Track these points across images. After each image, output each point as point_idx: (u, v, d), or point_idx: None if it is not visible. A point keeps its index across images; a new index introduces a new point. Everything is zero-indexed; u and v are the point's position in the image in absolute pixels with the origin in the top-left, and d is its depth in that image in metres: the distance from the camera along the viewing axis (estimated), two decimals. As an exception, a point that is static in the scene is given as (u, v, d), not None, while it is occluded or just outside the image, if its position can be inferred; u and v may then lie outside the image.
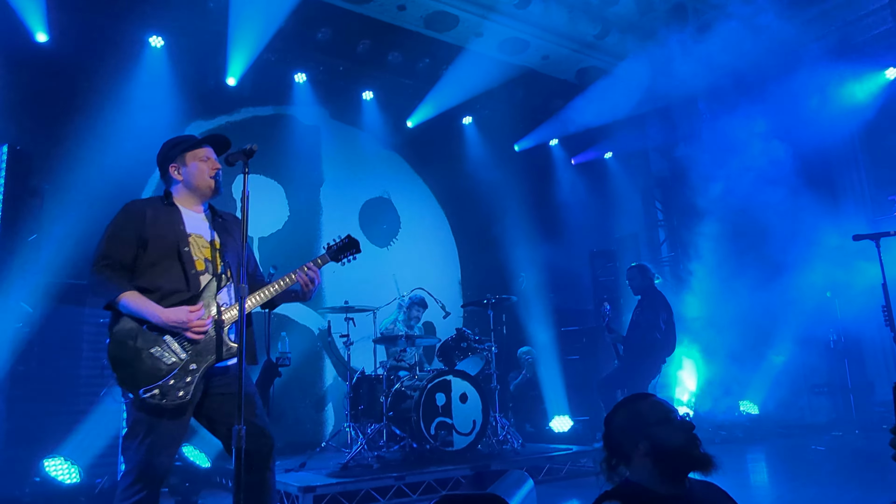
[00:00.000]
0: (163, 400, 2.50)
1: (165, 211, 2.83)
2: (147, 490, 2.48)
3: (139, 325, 2.57)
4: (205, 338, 2.64)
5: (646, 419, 1.89)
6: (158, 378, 2.52)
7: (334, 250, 3.15)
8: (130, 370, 2.52)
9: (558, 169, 10.19)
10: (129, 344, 2.54)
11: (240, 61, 7.32)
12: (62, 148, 6.25)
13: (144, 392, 2.48)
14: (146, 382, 2.50)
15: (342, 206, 8.45)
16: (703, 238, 9.06)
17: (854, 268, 7.91)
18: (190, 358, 2.60)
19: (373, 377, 6.05)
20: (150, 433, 2.50)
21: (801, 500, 4.41)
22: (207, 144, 2.96)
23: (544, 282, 9.03)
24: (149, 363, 2.53)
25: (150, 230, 2.73)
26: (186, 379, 2.57)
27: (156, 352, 2.56)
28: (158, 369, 2.54)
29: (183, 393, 2.54)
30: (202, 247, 2.84)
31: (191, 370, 2.59)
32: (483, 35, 8.14)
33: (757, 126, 8.71)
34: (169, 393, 2.52)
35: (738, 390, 8.55)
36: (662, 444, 1.82)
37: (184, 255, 2.72)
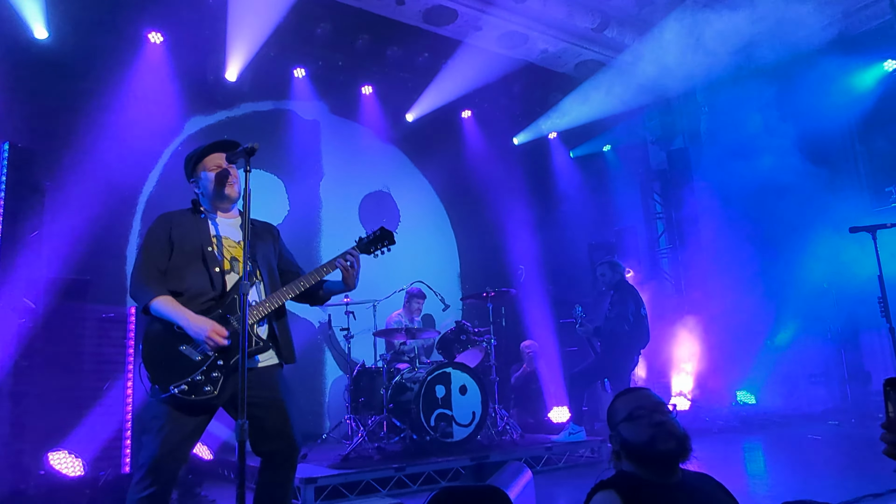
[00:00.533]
0: (191, 395, 2.58)
1: (193, 218, 2.92)
2: (159, 485, 2.53)
3: (169, 326, 2.66)
4: (232, 335, 2.67)
5: (616, 416, 1.97)
6: (188, 374, 2.60)
7: (365, 243, 3.13)
8: (162, 368, 2.61)
9: (557, 162, 10.21)
10: (159, 343, 2.65)
11: (239, 57, 7.33)
12: (63, 144, 6.28)
13: (174, 388, 2.56)
14: (176, 379, 2.58)
15: (342, 201, 8.48)
16: (701, 230, 9.10)
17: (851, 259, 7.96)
18: (217, 354, 2.67)
19: (373, 369, 6.11)
20: (167, 428, 2.56)
21: (797, 489, 4.46)
22: (213, 151, 2.99)
23: (543, 274, 9.07)
24: (178, 360, 2.62)
25: (176, 234, 2.82)
26: (214, 374, 2.65)
27: (185, 349, 2.65)
28: (187, 366, 2.62)
29: (211, 388, 2.62)
30: (230, 247, 2.90)
31: (218, 366, 2.66)
32: (482, 29, 8.16)
33: (755, 118, 8.73)
34: (197, 389, 2.60)
35: (736, 380, 8.62)
36: (627, 441, 1.89)
37: (207, 255, 2.80)
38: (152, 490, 2.52)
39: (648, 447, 1.85)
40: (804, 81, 8.37)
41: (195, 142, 7.44)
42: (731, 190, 8.91)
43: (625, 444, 1.90)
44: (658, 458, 1.85)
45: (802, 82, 8.38)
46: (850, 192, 9.04)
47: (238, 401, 2.69)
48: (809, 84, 8.39)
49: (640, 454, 1.87)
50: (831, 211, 8.78)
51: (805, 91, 8.43)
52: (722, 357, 8.47)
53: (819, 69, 8.25)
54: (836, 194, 9.04)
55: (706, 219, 9.17)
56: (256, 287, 2.90)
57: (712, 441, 7.01)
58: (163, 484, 2.55)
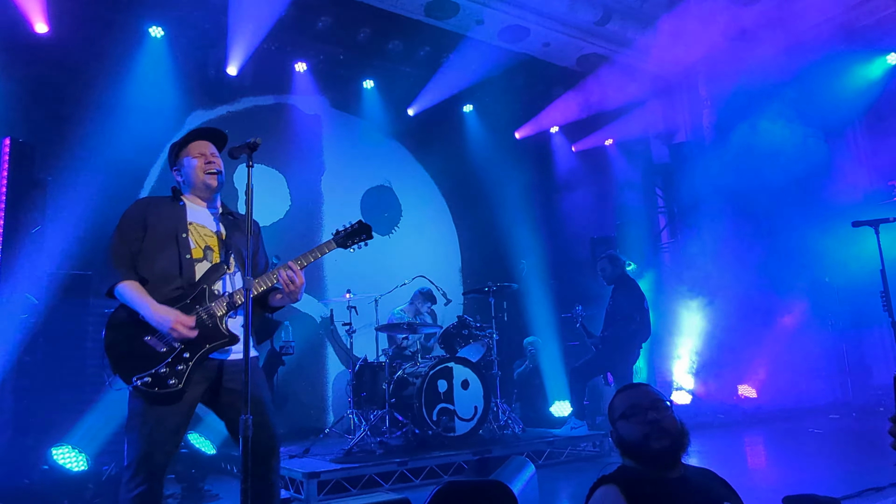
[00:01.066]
0: (154, 388, 2.50)
1: (170, 205, 2.86)
2: (148, 483, 2.48)
3: (133, 313, 2.58)
4: (199, 326, 2.62)
5: (613, 413, 1.98)
6: (151, 366, 2.52)
7: (342, 237, 3.04)
8: (123, 357, 2.53)
9: (559, 156, 10.19)
10: (122, 332, 2.57)
11: (240, 51, 7.31)
12: (64, 139, 6.27)
13: (136, 379, 2.49)
14: (138, 370, 2.50)
15: (343, 195, 8.48)
16: (703, 225, 9.08)
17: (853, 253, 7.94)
18: (183, 346, 2.59)
19: (375, 364, 6.12)
20: (148, 425, 2.50)
21: (798, 483, 4.47)
22: (197, 139, 2.94)
23: (545, 268, 9.07)
24: (141, 351, 2.54)
25: (152, 218, 2.77)
26: (178, 367, 2.56)
27: (149, 339, 2.56)
28: (151, 357, 2.54)
29: (175, 381, 2.53)
30: (204, 235, 2.84)
31: (183, 358, 2.58)
32: (483, 22, 8.12)
33: (758, 111, 8.71)
34: (161, 381, 2.51)
35: (737, 374, 8.62)
36: (623, 439, 1.92)
37: (180, 241, 2.74)
38: (143, 488, 2.47)
39: (643, 445, 1.87)
40: (808, 74, 8.34)
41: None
42: (733, 184, 8.89)
43: (621, 442, 1.93)
44: (653, 455, 1.86)
45: (806, 75, 8.35)
46: (853, 185, 9.01)
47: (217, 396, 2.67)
48: (813, 77, 8.37)
49: (636, 451, 1.89)
50: (834, 204, 8.76)
51: (808, 84, 8.40)
52: (723, 351, 8.47)
53: (823, 62, 8.22)
54: (839, 188, 9.03)
55: (708, 213, 9.15)
56: (231, 277, 2.82)
57: (714, 435, 7.02)
58: (153, 481, 2.49)
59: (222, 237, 2.90)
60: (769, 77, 8.50)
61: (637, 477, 1.86)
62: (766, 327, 8.62)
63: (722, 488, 1.99)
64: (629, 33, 8.73)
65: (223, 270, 2.83)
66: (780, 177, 8.90)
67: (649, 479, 1.85)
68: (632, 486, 1.81)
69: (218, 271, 2.81)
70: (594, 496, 1.85)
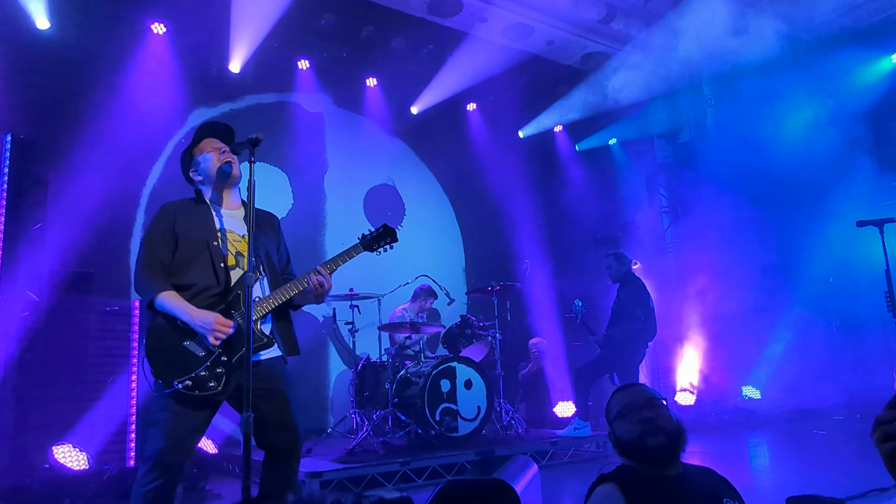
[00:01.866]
0: (195, 391, 2.57)
1: (196, 209, 2.88)
2: (164, 479, 2.53)
3: (173, 321, 2.64)
4: (236, 329, 2.67)
5: (610, 413, 2.01)
6: (191, 370, 2.59)
7: (368, 240, 3.10)
8: (165, 363, 2.60)
9: (562, 155, 10.16)
10: (163, 338, 2.63)
11: (242, 48, 7.29)
12: (66, 136, 6.25)
13: (178, 383, 2.55)
14: (180, 374, 2.57)
15: (346, 194, 8.46)
16: (707, 224, 9.05)
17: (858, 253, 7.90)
18: (222, 350, 2.65)
19: (378, 364, 6.09)
20: (173, 422, 2.56)
21: (802, 484, 4.44)
22: (205, 136, 2.98)
23: (548, 268, 9.04)
24: (182, 355, 2.61)
25: (181, 227, 2.78)
26: (218, 370, 2.63)
27: (188, 344, 2.63)
28: (191, 361, 2.61)
29: (214, 384, 2.61)
30: (234, 241, 2.87)
31: (222, 362, 2.65)
32: (487, 20, 8.09)
33: (762, 111, 8.67)
34: (201, 384, 2.59)
35: (741, 375, 8.58)
36: (619, 437, 1.94)
37: (213, 250, 2.77)
38: (158, 483, 2.51)
39: (639, 443, 1.88)
40: (811, 74, 8.30)
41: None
42: (737, 184, 8.85)
43: (618, 441, 1.95)
44: (649, 453, 1.87)
45: (810, 75, 8.31)
46: (857, 185, 8.97)
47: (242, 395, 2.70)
48: (817, 77, 8.33)
49: (632, 450, 1.90)
50: (838, 204, 8.72)
51: (812, 84, 8.36)
52: (727, 352, 8.44)
53: (827, 61, 8.18)
54: (844, 187, 8.98)
55: (712, 213, 9.11)
56: (260, 282, 2.86)
57: (718, 436, 6.99)
58: (169, 477, 2.54)
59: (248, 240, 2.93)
60: (773, 76, 8.46)
61: (636, 476, 1.86)
62: (770, 328, 8.57)
63: (722, 486, 1.99)
64: (633, 31, 8.69)
65: (256, 276, 2.84)
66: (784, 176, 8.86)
67: (648, 477, 1.85)
68: (631, 484, 1.82)
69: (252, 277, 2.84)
70: (593, 495, 1.86)
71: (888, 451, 1.12)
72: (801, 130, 8.39)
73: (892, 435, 1.13)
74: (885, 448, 1.12)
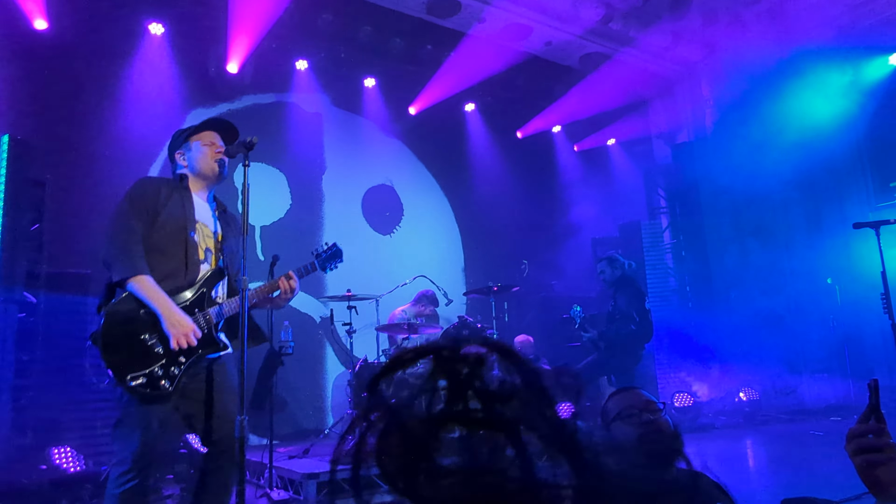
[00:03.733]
0: (147, 388, 2.49)
1: (179, 193, 2.82)
2: (140, 478, 2.49)
3: (136, 309, 2.54)
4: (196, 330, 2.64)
5: (607, 415, 1.99)
6: (146, 366, 2.51)
7: (324, 258, 3.30)
8: (120, 355, 2.50)
9: (561, 156, 10.16)
10: (121, 328, 2.53)
11: (240, 48, 7.28)
12: (63, 137, 6.24)
13: (131, 380, 2.47)
14: (134, 370, 2.48)
15: (344, 194, 8.45)
16: (706, 225, 9.05)
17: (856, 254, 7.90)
18: (179, 350, 2.57)
19: (375, 365, 6.09)
20: (142, 423, 2.50)
21: (799, 486, 4.44)
22: (210, 129, 2.97)
23: (546, 269, 9.04)
24: (139, 349, 2.52)
25: (164, 209, 2.71)
26: (172, 370, 2.56)
27: (147, 339, 2.54)
28: (148, 357, 2.52)
29: (166, 383, 2.53)
30: (206, 236, 2.85)
31: (178, 362, 2.58)
32: (485, 21, 8.09)
33: (760, 111, 8.66)
34: (154, 382, 2.50)
35: (739, 376, 8.58)
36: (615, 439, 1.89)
37: (189, 241, 2.72)
38: (132, 483, 2.48)
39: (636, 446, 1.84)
40: (809, 75, 8.29)
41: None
42: (735, 184, 8.85)
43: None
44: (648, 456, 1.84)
45: (807, 75, 8.31)
46: (854, 186, 8.97)
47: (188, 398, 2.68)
48: (814, 77, 8.32)
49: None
50: (836, 206, 8.72)
51: (810, 84, 8.36)
52: (725, 352, 8.43)
53: (824, 62, 8.18)
54: (841, 189, 8.98)
55: (710, 213, 9.11)
56: (222, 283, 2.85)
57: (715, 437, 6.99)
58: (142, 476, 2.51)
59: (219, 239, 2.91)
60: (771, 77, 8.46)
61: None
62: (768, 328, 8.57)
63: (715, 491, 1.98)
64: (632, 32, 8.69)
65: (222, 276, 2.84)
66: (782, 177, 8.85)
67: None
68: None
69: (219, 276, 2.83)
70: None
71: (861, 463, 1.14)
72: (799, 131, 8.38)
73: (864, 448, 1.14)
74: (858, 461, 1.14)
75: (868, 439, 1.16)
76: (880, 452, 1.14)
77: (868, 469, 1.14)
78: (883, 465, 1.13)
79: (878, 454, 1.14)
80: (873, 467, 1.14)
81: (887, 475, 1.12)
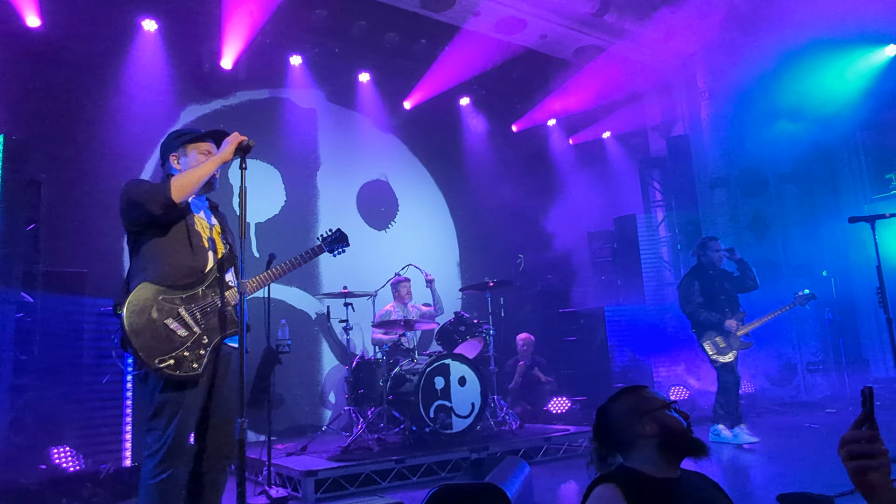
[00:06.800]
0: (177, 371, 2.58)
1: None
2: (175, 467, 2.56)
3: (155, 296, 2.64)
4: (217, 312, 2.75)
5: (651, 404, 1.95)
6: (173, 349, 2.60)
7: (330, 240, 3.38)
8: (146, 339, 2.57)
9: (556, 149, 10.17)
10: (145, 314, 2.61)
11: (234, 44, 7.25)
12: (58, 136, 6.23)
13: (160, 362, 2.56)
14: (161, 353, 2.57)
15: (339, 190, 8.44)
16: (701, 218, 9.07)
17: (851, 247, 7.95)
18: (202, 332, 2.69)
19: (372, 361, 6.11)
20: (178, 412, 2.58)
21: (793, 479, 4.48)
22: (210, 139, 3.00)
23: (542, 263, 9.06)
24: (164, 333, 2.61)
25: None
26: (199, 352, 2.66)
27: (170, 323, 2.64)
28: (173, 340, 2.62)
29: (196, 365, 2.63)
30: (204, 227, 2.92)
31: (203, 343, 2.68)
32: (480, 14, 8.07)
33: (756, 102, 8.68)
34: (183, 364, 2.60)
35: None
36: (668, 426, 1.88)
37: (190, 229, 2.80)
38: (169, 473, 2.54)
39: (686, 434, 1.89)
40: (806, 66, 8.30)
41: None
42: (730, 177, 8.87)
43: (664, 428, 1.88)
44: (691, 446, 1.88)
45: (804, 66, 8.31)
46: (850, 179, 9.01)
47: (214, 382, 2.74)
48: (811, 68, 8.32)
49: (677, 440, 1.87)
50: (832, 198, 8.75)
51: (807, 75, 8.36)
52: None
53: (822, 53, 8.18)
54: (837, 182, 9.02)
55: (706, 206, 9.14)
56: (233, 269, 2.96)
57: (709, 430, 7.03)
58: (178, 466, 2.57)
59: (217, 230, 2.99)
60: (767, 68, 8.46)
61: (637, 476, 1.84)
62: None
63: (715, 491, 2.00)
64: (627, 25, 8.68)
65: (233, 261, 2.94)
66: (778, 169, 8.88)
67: (649, 479, 1.83)
68: (632, 485, 1.79)
69: (229, 262, 2.92)
70: (592, 494, 1.82)
71: (854, 469, 1.17)
72: (795, 122, 8.41)
73: (857, 454, 1.17)
74: (851, 466, 1.17)
75: (861, 445, 1.19)
76: (872, 459, 1.17)
77: (860, 474, 1.17)
78: (875, 470, 1.16)
79: (870, 460, 1.17)
80: (865, 473, 1.17)
81: (879, 481, 1.16)
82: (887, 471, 1.17)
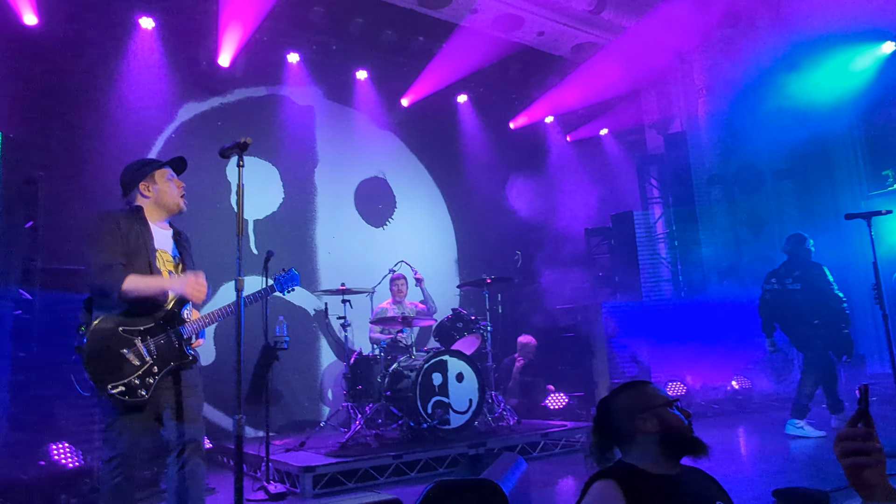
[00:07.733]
0: (125, 397, 2.77)
1: (137, 225, 3.01)
2: (124, 474, 2.81)
3: (115, 327, 2.84)
4: (168, 346, 2.95)
5: (653, 400, 1.94)
6: (125, 377, 2.79)
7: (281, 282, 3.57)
8: (102, 366, 2.78)
9: (553, 146, 10.18)
10: (104, 343, 2.81)
11: (232, 42, 7.25)
12: (56, 134, 6.23)
13: (112, 388, 2.75)
14: (113, 380, 2.77)
15: (337, 187, 8.45)
16: (698, 215, 9.09)
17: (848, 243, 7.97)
18: (153, 362, 2.89)
19: (370, 357, 6.13)
20: (126, 428, 2.81)
21: (788, 475, 4.51)
22: (170, 166, 3.18)
23: (540, 260, 9.07)
24: (118, 364, 2.81)
25: (126, 237, 2.95)
26: (148, 380, 2.86)
27: (126, 353, 2.83)
28: (125, 369, 2.81)
29: (144, 392, 2.84)
30: (167, 261, 3.09)
31: (153, 372, 2.88)
32: (477, 11, 8.08)
33: (753, 99, 8.69)
34: (132, 391, 2.79)
35: (731, 364, 8.65)
36: (669, 424, 1.88)
37: (153, 267, 2.98)
38: (120, 478, 2.79)
39: (687, 431, 1.89)
40: (803, 62, 8.31)
41: (189, 128, 7.40)
42: (727, 174, 8.88)
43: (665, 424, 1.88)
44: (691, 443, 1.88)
45: (802, 63, 8.33)
46: (847, 175, 9.03)
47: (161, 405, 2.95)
48: (809, 65, 8.34)
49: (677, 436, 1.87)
50: (828, 195, 8.77)
51: (804, 72, 8.38)
52: (717, 341, 8.50)
53: (819, 50, 8.20)
54: (834, 178, 9.03)
55: (703, 203, 9.16)
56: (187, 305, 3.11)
57: (707, 426, 7.06)
58: (128, 472, 2.81)
59: (179, 263, 3.17)
60: (765, 65, 8.48)
61: (636, 472, 1.84)
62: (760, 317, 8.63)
63: (713, 487, 2.00)
64: (624, 22, 8.69)
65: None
66: (774, 166, 8.90)
67: (648, 475, 1.84)
68: (630, 481, 1.79)
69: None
70: (590, 490, 1.82)
71: (849, 465, 1.18)
72: (792, 119, 8.42)
73: (852, 451, 1.19)
74: (846, 463, 1.19)
75: (856, 442, 1.20)
76: (867, 456, 1.19)
77: (855, 471, 1.19)
78: (870, 467, 1.19)
79: (866, 457, 1.19)
80: (860, 469, 1.19)
81: (873, 477, 1.19)
82: (882, 468, 1.19)
